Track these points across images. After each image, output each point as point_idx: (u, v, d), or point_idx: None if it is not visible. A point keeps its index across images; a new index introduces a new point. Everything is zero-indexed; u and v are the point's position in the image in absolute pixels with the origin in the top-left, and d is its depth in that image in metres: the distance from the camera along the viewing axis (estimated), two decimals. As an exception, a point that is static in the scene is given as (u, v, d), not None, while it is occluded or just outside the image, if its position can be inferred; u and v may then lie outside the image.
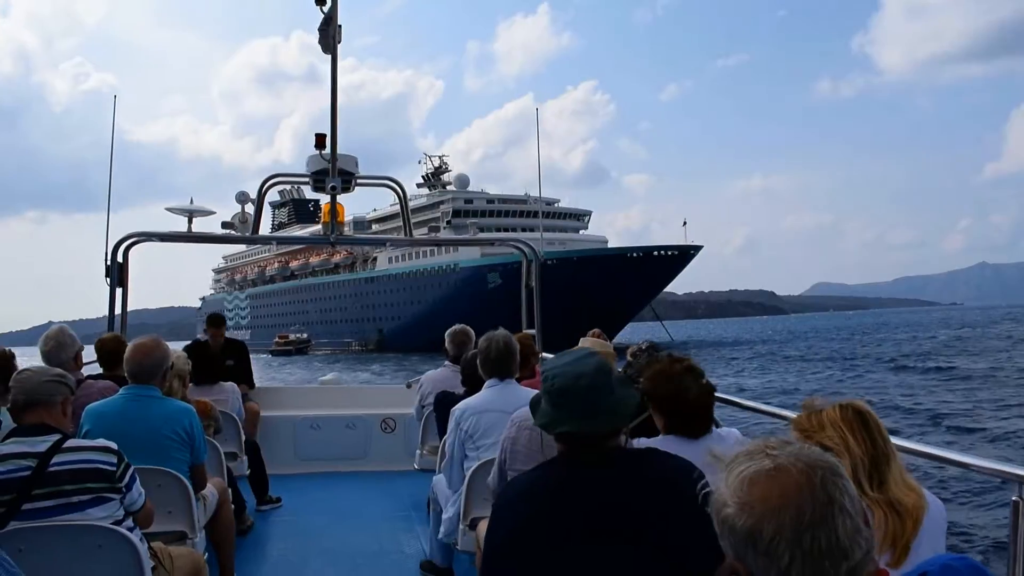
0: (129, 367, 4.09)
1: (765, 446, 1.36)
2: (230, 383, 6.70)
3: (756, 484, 1.29)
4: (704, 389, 3.22)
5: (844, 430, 2.32)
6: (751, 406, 4.42)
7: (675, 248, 70.31)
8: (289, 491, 7.02)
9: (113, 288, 6.95)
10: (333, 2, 5.70)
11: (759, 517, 1.26)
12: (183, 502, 3.95)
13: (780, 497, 1.27)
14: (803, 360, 44.58)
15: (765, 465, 1.31)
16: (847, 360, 41.85)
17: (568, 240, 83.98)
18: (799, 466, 1.29)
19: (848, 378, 31.89)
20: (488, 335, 4.46)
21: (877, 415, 2.38)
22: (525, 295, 8.00)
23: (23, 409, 3.21)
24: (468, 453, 4.25)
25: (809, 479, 1.27)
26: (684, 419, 3.19)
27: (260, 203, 7.57)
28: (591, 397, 2.31)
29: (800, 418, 2.44)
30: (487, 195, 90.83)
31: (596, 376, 2.34)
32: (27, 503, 2.98)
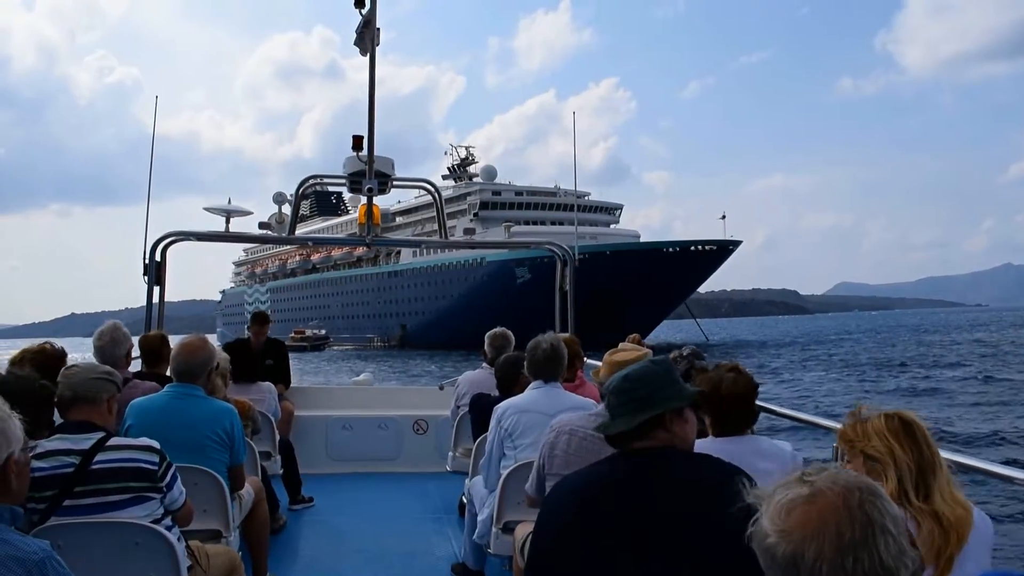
0: (175, 365, 4.16)
1: (802, 474, 1.38)
2: (268, 383, 6.77)
3: (793, 511, 1.31)
4: (742, 381, 3.29)
5: (890, 439, 2.32)
6: (793, 415, 4.44)
7: (713, 243, 67.59)
8: (321, 491, 7.08)
9: (151, 286, 7.05)
10: (372, 4, 5.78)
11: (799, 542, 1.27)
12: (219, 501, 3.99)
13: (818, 521, 1.28)
14: (849, 365, 42.88)
15: (802, 492, 1.33)
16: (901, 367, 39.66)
17: (599, 234, 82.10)
18: (836, 489, 1.31)
19: (919, 387, 29.99)
20: (537, 337, 4.44)
21: (925, 425, 2.37)
22: (559, 298, 8.00)
23: (69, 405, 3.28)
24: (506, 452, 4.25)
25: (846, 501, 1.29)
26: (723, 414, 3.28)
27: (297, 203, 7.67)
28: (618, 400, 2.49)
29: (846, 428, 2.45)
30: (516, 187, 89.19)
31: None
32: (69, 500, 3.05)
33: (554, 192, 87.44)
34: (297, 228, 8.05)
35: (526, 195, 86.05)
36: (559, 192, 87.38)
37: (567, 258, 7.95)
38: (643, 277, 65.05)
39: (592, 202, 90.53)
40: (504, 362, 5.33)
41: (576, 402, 4.25)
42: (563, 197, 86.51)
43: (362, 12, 5.84)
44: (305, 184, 7.68)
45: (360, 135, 6.30)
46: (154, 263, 7.03)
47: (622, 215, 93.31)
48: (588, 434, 3.31)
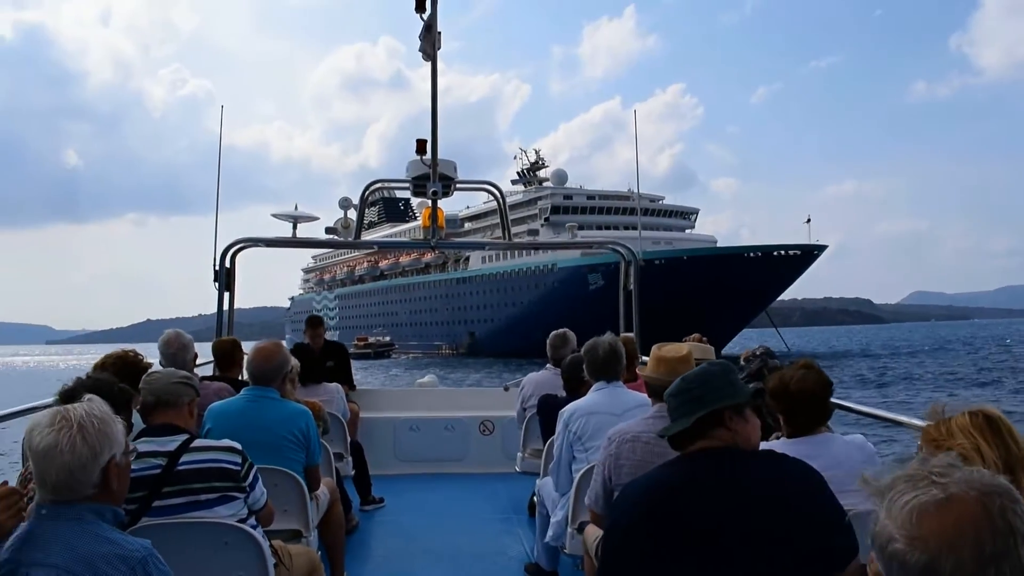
0: (251, 369, 4.34)
1: (929, 472, 1.26)
2: (334, 384, 6.86)
3: (927, 516, 1.20)
4: (811, 378, 3.27)
5: (976, 436, 2.26)
6: (869, 412, 4.44)
7: (797, 247, 64.28)
8: (390, 492, 7.18)
9: (221, 292, 7.20)
10: (433, 9, 5.84)
11: (935, 552, 1.17)
12: (299, 501, 4.12)
13: (956, 529, 1.18)
14: (958, 379, 40.57)
15: (935, 495, 1.22)
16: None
17: (675, 239, 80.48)
18: (973, 495, 1.20)
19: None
20: (594, 339, 4.51)
21: (1008, 420, 2.32)
22: (623, 298, 8.03)
23: (152, 409, 3.43)
24: (576, 455, 4.30)
25: (986, 508, 1.19)
26: (792, 413, 3.28)
27: (362, 208, 7.79)
28: (676, 401, 2.55)
29: (929, 427, 2.40)
30: (587, 191, 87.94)
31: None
32: (157, 500, 3.18)
33: (627, 196, 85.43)
34: (365, 234, 8.14)
35: (598, 199, 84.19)
36: (632, 196, 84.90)
37: (631, 258, 8.02)
38: (722, 283, 63.05)
39: (667, 206, 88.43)
40: (571, 362, 5.35)
41: (640, 399, 4.19)
42: (636, 201, 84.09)
43: (423, 17, 5.92)
44: (370, 188, 7.73)
45: (423, 139, 6.33)
46: (224, 269, 7.20)
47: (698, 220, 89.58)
48: (651, 438, 3.30)
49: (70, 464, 2.20)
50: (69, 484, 2.22)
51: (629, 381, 4.86)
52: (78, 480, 2.22)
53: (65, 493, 2.22)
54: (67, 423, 2.23)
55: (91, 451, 2.22)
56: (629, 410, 4.11)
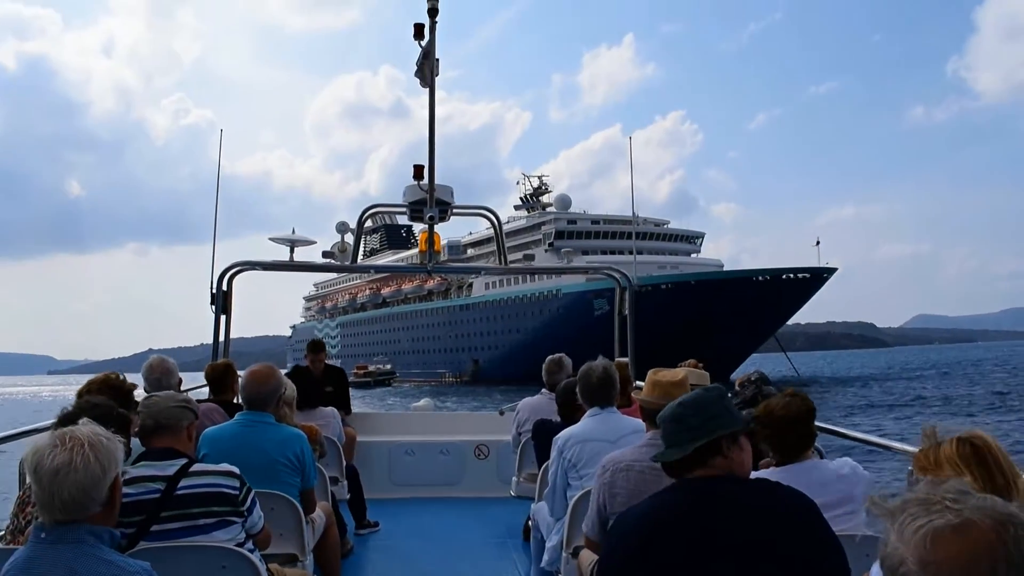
0: (245, 394, 4.37)
1: (943, 496, 1.26)
2: (330, 408, 6.94)
3: (940, 541, 1.19)
4: (795, 404, 3.38)
5: (962, 467, 2.29)
6: (861, 438, 4.49)
7: (806, 270, 63.24)
8: (385, 516, 7.25)
9: (218, 316, 7.26)
10: (431, 36, 5.90)
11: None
12: (295, 525, 4.17)
13: (971, 557, 1.17)
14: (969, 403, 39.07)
15: (949, 520, 1.21)
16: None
17: (681, 264, 79.61)
18: (988, 522, 1.20)
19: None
20: (587, 364, 4.57)
21: (999, 446, 2.34)
22: (618, 323, 8.11)
23: (151, 433, 3.46)
24: (571, 482, 4.34)
25: (1000, 536, 1.18)
26: (778, 440, 3.37)
27: (359, 233, 7.86)
28: (669, 429, 2.56)
29: (920, 453, 2.42)
30: (591, 216, 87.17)
31: (677, 406, 2.58)
32: (156, 524, 3.21)
33: (632, 220, 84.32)
34: (366, 261, 9.46)
35: (603, 223, 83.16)
36: (637, 220, 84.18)
37: (626, 284, 8.08)
38: (731, 307, 61.85)
39: (672, 230, 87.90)
40: (565, 388, 5.37)
41: (635, 424, 4.22)
42: (642, 225, 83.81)
43: (421, 44, 5.99)
44: (367, 213, 7.83)
45: (421, 164, 6.41)
46: (221, 292, 7.24)
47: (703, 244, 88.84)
48: (645, 467, 3.34)
49: (83, 482, 2.25)
50: (82, 502, 2.26)
51: (623, 406, 4.88)
52: (91, 498, 2.27)
53: (76, 512, 2.26)
54: (78, 442, 2.29)
55: (102, 468, 2.29)
56: (623, 436, 4.15)
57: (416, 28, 5.92)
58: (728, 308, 62.35)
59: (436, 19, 5.86)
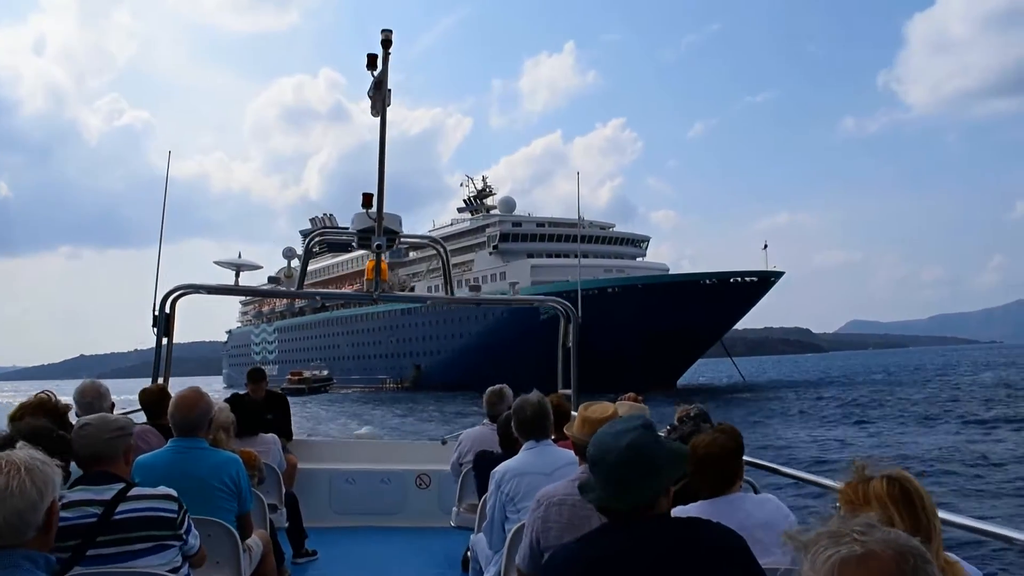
0: (175, 421, 4.32)
1: (851, 529, 1.38)
2: (271, 435, 7.02)
3: (846, 570, 1.31)
4: (719, 442, 3.47)
5: (890, 506, 2.37)
6: (791, 473, 4.56)
7: (754, 274, 62.61)
8: (324, 544, 7.24)
9: (160, 338, 7.23)
10: (384, 67, 5.96)
11: None
12: (232, 552, 4.15)
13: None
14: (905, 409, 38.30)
15: (855, 551, 1.33)
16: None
17: (627, 267, 78.74)
18: (889, 552, 1.32)
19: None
20: (521, 398, 4.68)
21: (923, 489, 2.45)
22: (562, 355, 8.11)
23: (87, 461, 3.44)
24: (509, 515, 4.40)
25: (900, 566, 1.30)
26: (703, 476, 3.46)
27: (306, 259, 7.90)
28: (619, 472, 2.46)
29: (847, 488, 2.50)
30: (536, 219, 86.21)
31: (627, 451, 2.47)
32: (92, 549, 3.19)
33: (578, 223, 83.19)
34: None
35: (548, 226, 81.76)
36: (583, 223, 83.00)
37: (571, 315, 7.94)
38: (678, 311, 60.88)
39: (617, 234, 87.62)
40: (507, 419, 5.35)
41: (569, 457, 4.26)
42: (587, 229, 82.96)
43: (374, 74, 6.00)
44: (313, 240, 7.93)
45: (370, 193, 6.46)
46: (163, 315, 7.18)
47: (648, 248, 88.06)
48: (578, 500, 3.29)
49: (19, 506, 2.25)
50: (18, 527, 2.26)
51: (561, 439, 4.92)
52: (26, 523, 2.27)
53: (11, 537, 2.26)
54: (14, 467, 2.28)
55: (39, 493, 2.28)
56: (558, 468, 4.22)
57: (369, 59, 5.92)
58: (675, 312, 61.79)
59: (389, 50, 5.89)
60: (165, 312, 7.21)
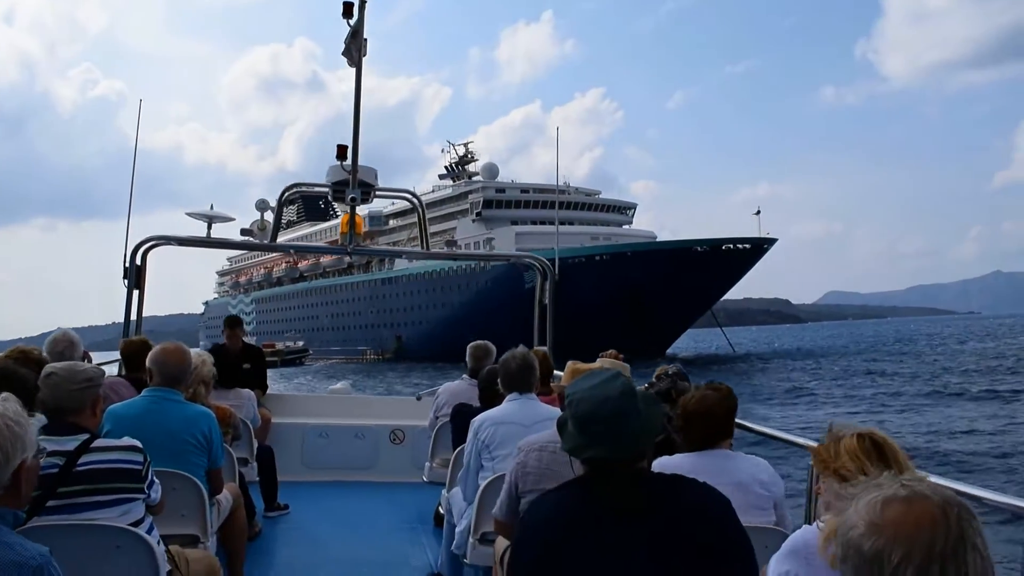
0: (157, 367, 4.31)
1: (900, 478, 1.45)
2: (247, 390, 7.01)
3: (890, 507, 1.36)
4: (712, 398, 3.53)
5: (862, 458, 2.43)
6: (768, 432, 4.62)
7: (747, 241, 60.87)
8: (297, 498, 7.27)
9: (130, 290, 7.21)
10: (360, 15, 5.96)
11: (889, 540, 1.32)
12: (198, 506, 4.17)
13: (914, 524, 1.32)
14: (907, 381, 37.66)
15: (900, 492, 1.38)
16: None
17: (613, 235, 76.84)
18: (935, 499, 1.36)
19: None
20: (509, 351, 4.71)
21: (896, 444, 2.51)
22: (538, 312, 8.14)
23: (52, 412, 3.41)
24: (484, 463, 4.46)
25: (944, 512, 1.33)
26: (689, 430, 3.55)
27: (279, 211, 7.86)
28: (617, 423, 2.40)
29: (819, 447, 2.58)
30: (520, 184, 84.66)
31: (621, 400, 2.42)
32: (53, 500, 3.19)
33: (563, 190, 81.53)
34: (284, 234, 8.54)
35: (533, 192, 79.44)
36: (569, 190, 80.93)
37: (547, 271, 8.05)
38: (668, 279, 59.69)
39: (604, 200, 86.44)
40: (488, 373, 5.44)
41: (552, 412, 4.30)
42: (573, 195, 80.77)
43: (350, 22, 5.98)
44: (288, 192, 7.84)
45: (344, 145, 6.39)
46: (134, 267, 7.13)
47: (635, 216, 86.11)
48: (557, 448, 3.37)
49: None
50: None
51: (543, 394, 4.97)
52: None
53: None
54: None
55: (3, 455, 2.23)
56: (539, 422, 4.21)
57: (345, 6, 5.89)
58: (665, 280, 60.59)
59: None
60: (136, 264, 7.12)
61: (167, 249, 7.73)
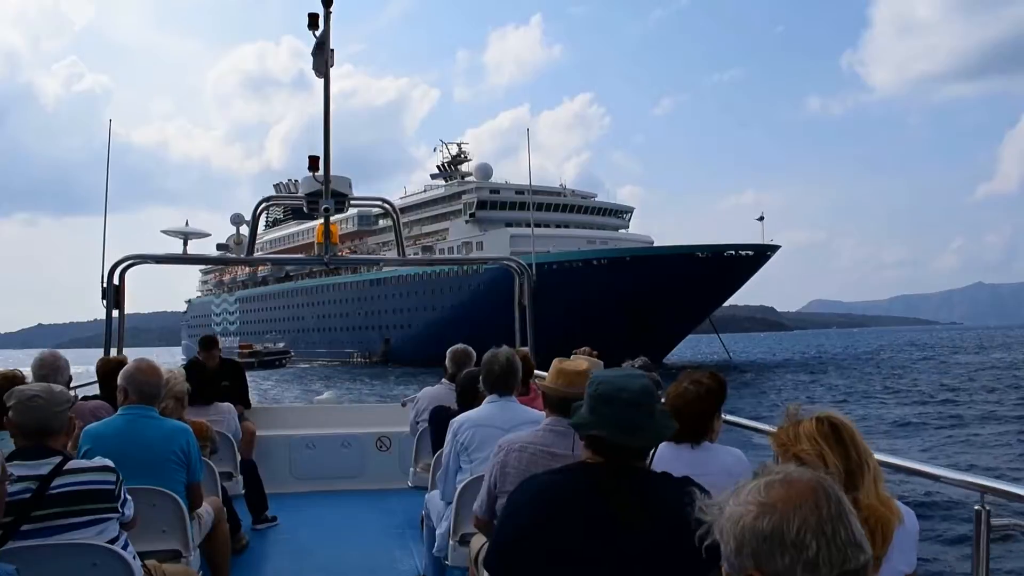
0: (133, 385, 4.34)
1: (764, 469, 1.54)
2: (226, 404, 7.01)
3: (772, 488, 1.44)
4: (688, 392, 3.49)
5: (820, 442, 2.46)
6: (733, 421, 4.63)
7: (750, 247, 59.14)
8: (285, 510, 7.34)
9: (109, 311, 7.24)
10: (326, 27, 6.00)
11: (782, 513, 1.40)
12: (178, 521, 4.21)
13: (799, 495, 1.41)
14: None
15: (776, 476, 1.48)
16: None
17: (610, 239, 75.43)
18: (806, 476, 1.47)
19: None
20: (492, 351, 4.74)
21: (853, 426, 2.54)
22: (518, 313, 8.26)
23: (31, 435, 3.43)
24: (462, 465, 4.51)
25: (819, 482, 1.45)
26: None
27: (255, 224, 7.79)
28: (629, 412, 2.52)
29: (780, 431, 2.60)
30: (515, 185, 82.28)
31: (639, 394, 2.56)
32: (27, 524, 3.21)
33: (559, 192, 79.61)
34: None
35: (528, 194, 77.01)
36: (565, 192, 78.70)
37: (524, 271, 8.15)
38: (668, 285, 58.59)
39: (600, 203, 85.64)
40: (465, 377, 5.54)
41: (531, 415, 4.41)
42: (569, 198, 79.22)
43: (315, 34, 6.00)
44: (262, 206, 7.87)
45: (316, 156, 6.50)
46: (112, 287, 7.18)
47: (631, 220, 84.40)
48: (538, 449, 3.48)
49: None
50: None
51: (522, 395, 5.09)
52: None
53: None
54: None
55: None
56: (517, 426, 4.21)
57: (311, 18, 5.90)
58: (665, 286, 59.36)
59: (331, 8, 5.87)
60: (114, 284, 7.19)
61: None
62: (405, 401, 8.60)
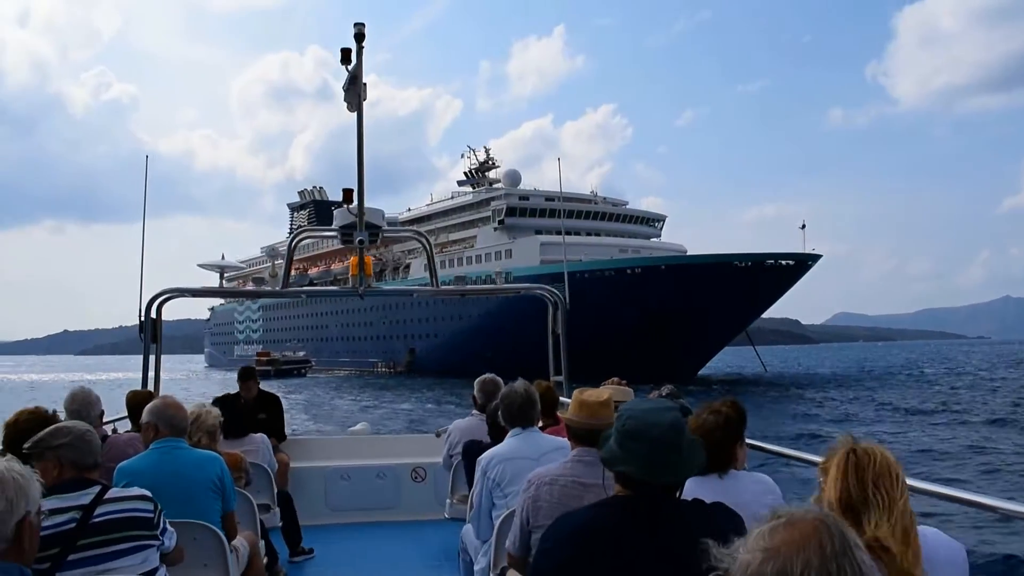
0: (163, 418, 4.36)
1: (771, 513, 1.56)
2: (260, 435, 7.03)
3: (776, 532, 1.48)
4: (710, 422, 3.44)
5: (840, 477, 2.43)
6: (778, 451, 4.66)
7: (791, 256, 56.83)
8: (321, 542, 7.33)
9: (147, 344, 7.27)
10: (358, 62, 6.01)
11: (786, 557, 1.43)
12: (219, 554, 4.22)
13: (802, 537, 1.46)
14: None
15: (780, 520, 1.52)
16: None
17: (642, 247, 75.01)
18: (809, 517, 1.50)
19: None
20: (508, 386, 4.79)
21: (886, 460, 2.42)
22: (552, 341, 8.20)
23: (77, 467, 3.46)
24: (496, 501, 4.46)
25: (822, 522, 1.49)
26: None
27: (290, 257, 8.16)
28: (658, 448, 2.52)
29: (822, 463, 2.57)
30: (545, 192, 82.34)
31: (668, 430, 2.55)
32: (73, 554, 3.24)
33: (590, 199, 77.90)
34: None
35: (558, 201, 75.00)
36: (596, 199, 76.74)
37: (558, 301, 8.03)
38: (705, 296, 57.66)
39: (632, 211, 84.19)
40: (495, 409, 5.45)
41: (556, 442, 4.41)
42: (601, 205, 78.03)
43: (348, 68, 6.03)
44: (297, 237, 8.28)
45: (350, 188, 6.55)
46: (150, 320, 7.22)
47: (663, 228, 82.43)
48: (568, 481, 3.45)
49: None
50: None
51: (550, 426, 5.09)
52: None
53: None
54: None
55: (8, 504, 2.29)
56: (546, 454, 4.26)
57: (343, 53, 5.96)
58: (702, 296, 57.51)
59: (363, 44, 5.93)
60: (151, 318, 7.22)
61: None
62: (439, 431, 8.70)
